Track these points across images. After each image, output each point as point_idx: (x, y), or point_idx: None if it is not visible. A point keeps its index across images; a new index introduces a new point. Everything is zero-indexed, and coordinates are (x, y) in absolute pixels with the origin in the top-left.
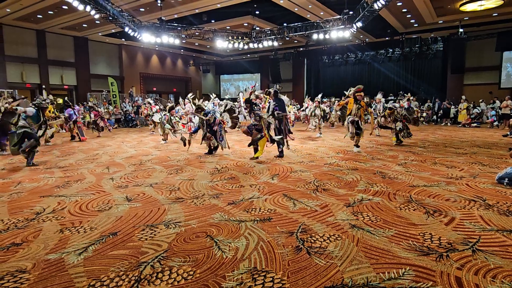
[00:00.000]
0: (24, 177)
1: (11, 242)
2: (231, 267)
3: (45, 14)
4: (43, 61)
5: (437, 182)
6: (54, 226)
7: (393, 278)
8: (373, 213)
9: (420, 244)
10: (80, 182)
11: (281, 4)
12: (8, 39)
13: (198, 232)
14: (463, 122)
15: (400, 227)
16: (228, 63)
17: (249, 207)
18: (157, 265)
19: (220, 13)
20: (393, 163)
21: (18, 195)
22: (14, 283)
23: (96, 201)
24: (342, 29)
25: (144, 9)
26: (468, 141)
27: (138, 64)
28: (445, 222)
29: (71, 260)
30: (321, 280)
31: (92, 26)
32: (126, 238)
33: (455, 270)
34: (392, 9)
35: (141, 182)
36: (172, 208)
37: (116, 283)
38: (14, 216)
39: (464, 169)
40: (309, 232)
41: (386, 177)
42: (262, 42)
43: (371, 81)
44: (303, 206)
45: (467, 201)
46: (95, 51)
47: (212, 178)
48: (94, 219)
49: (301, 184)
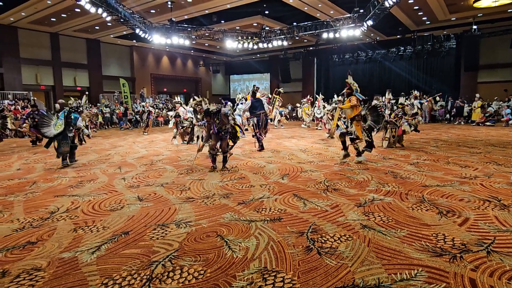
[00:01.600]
0: (39, 177)
1: (26, 240)
2: (241, 266)
3: (58, 17)
4: (57, 63)
5: (451, 182)
6: (68, 225)
7: (405, 279)
8: (384, 213)
9: (433, 245)
10: (93, 182)
11: (290, 3)
12: (23, 42)
13: (209, 232)
14: (477, 120)
15: (412, 228)
16: (238, 63)
17: (259, 207)
18: (168, 264)
19: (229, 13)
20: (405, 162)
21: (33, 195)
22: (29, 280)
23: (109, 200)
24: (352, 27)
25: (155, 10)
26: (482, 140)
27: (149, 65)
28: (459, 222)
29: (85, 259)
30: (332, 281)
31: (104, 28)
32: (138, 237)
33: (469, 271)
34: (403, 6)
35: (152, 182)
36: (182, 208)
37: (128, 281)
38: (30, 215)
39: (478, 168)
40: (319, 232)
41: (397, 177)
42: (271, 42)
43: (382, 79)
44: (313, 206)
45: (482, 201)
46: (107, 52)
47: (222, 178)
48: (107, 218)
49: (311, 184)
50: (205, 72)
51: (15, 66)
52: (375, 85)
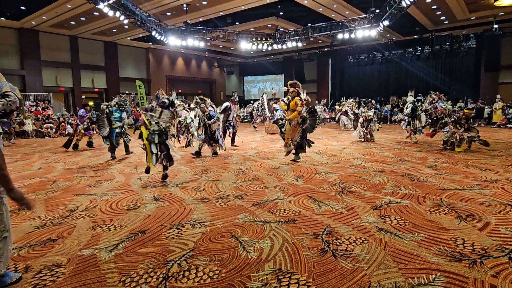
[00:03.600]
0: (59, 176)
1: (47, 237)
2: (256, 267)
3: (77, 20)
4: (76, 65)
5: (470, 186)
6: (87, 223)
7: (423, 284)
8: (401, 216)
9: (452, 249)
10: (110, 182)
11: (305, 4)
12: (44, 45)
13: (223, 232)
14: (498, 122)
15: (430, 232)
16: (252, 65)
17: (273, 208)
18: (184, 264)
19: (244, 15)
20: (422, 165)
21: (54, 193)
22: (51, 276)
23: (126, 200)
24: (368, 28)
25: (171, 13)
26: (503, 142)
27: (164, 67)
28: (479, 227)
29: (103, 256)
30: (347, 284)
31: (121, 31)
32: (154, 236)
33: (490, 277)
34: (421, 6)
35: (168, 182)
36: (197, 208)
37: (145, 279)
38: (50, 213)
39: (500, 172)
40: (334, 235)
41: (415, 180)
42: (286, 43)
43: (398, 80)
44: (328, 208)
45: (503, 206)
46: (124, 55)
47: (237, 179)
48: (124, 217)
49: (326, 185)
50: (219, 73)
51: (36, 69)
52: (391, 86)
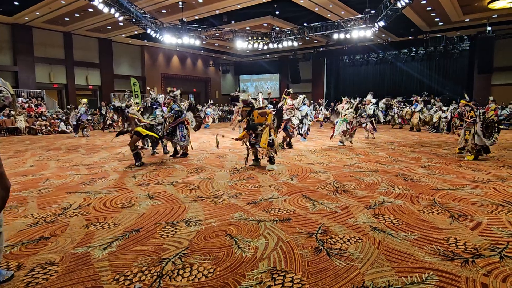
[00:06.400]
0: (52, 173)
1: (40, 235)
2: (250, 266)
3: (72, 16)
4: (70, 62)
5: (463, 186)
6: (80, 221)
7: (415, 283)
8: (395, 215)
9: (445, 248)
10: (104, 180)
11: (301, 4)
12: (37, 41)
13: (218, 231)
14: None
15: (423, 231)
16: (248, 64)
17: (268, 207)
18: (178, 262)
19: (240, 13)
20: (416, 165)
21: (47, 191)
22: (43, 274)
23: (120, 198)
24: (363, 28)
25: (166, 10)
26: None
27: (159, 65)
28: (471, 226)
29: (97, 255)
30: (342, 282)
31: (116, 28)
32: (149, 235)
33: (482, 276)
34: (416, 7)
35: (162, 180)
36: (192, 207)
37: (139, 278)
38: (43, 210)
39: (492, 172)
40: (329, 234)
41: (408, 180)
42: (281, 42)
43: (393, 81)
44: (322, 207)
45: (495, 206)
46: (119, 52)
47: (232, 177)
48: (118, 215)
49: (320, 185)
50: (215, 72)
51: (29, 65)
52: (386, 87)
